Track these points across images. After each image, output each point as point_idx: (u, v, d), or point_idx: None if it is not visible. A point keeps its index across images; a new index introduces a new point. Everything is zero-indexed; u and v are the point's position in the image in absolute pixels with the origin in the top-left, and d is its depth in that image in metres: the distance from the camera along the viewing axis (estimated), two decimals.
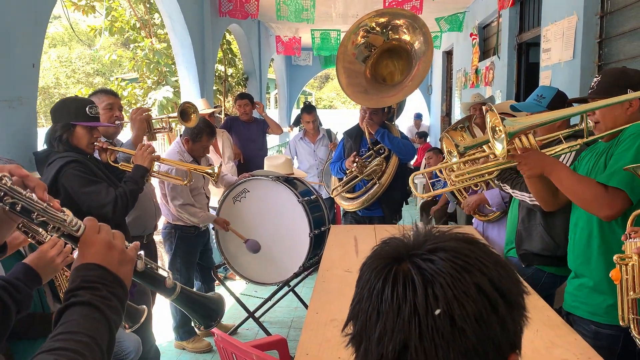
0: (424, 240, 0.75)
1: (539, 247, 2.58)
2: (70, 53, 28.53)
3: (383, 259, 0.75)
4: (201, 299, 1.31)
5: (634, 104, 2.00)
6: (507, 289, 0.71)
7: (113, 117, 3.10)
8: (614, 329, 2.00)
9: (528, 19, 5.71)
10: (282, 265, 3.94)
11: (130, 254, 1.03)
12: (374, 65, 3.95)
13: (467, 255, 0.72)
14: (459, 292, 0.68)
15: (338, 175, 4.20)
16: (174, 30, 5.70)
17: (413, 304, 0.68)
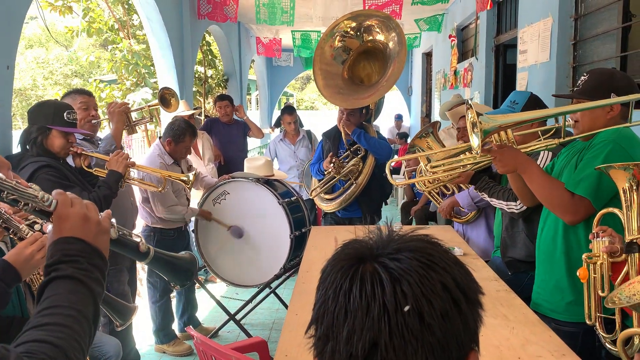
0: (388, 241, 0.76)
1: (523, 254, 2.62)
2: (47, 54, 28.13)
3: (347, 260, 0.75)
4: (175, 260, 1.36)
5: (615, 109, 2.01)
6: (467, 287, 0.74)
7: (89, 116, 3.08)
8: (573, 326, 2.05)
9: (505, 21, 5.79)
10: (263, 267, 3.93)
11: (104, 224, 1.04)
12: (351, 67, 3.96)
13: (431, 255, 0.74)
14: (427, 290, 0.70)
15: (317, 177, 4.21)
16: (152, 32, 5.66)
17: (382, 302, 0.69)
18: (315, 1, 6.93)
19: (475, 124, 1.91)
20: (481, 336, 1.89)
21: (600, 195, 1.95)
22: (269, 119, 13.93)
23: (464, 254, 2.92)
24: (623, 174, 1.75)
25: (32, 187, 1.00)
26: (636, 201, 1.74)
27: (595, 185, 1.95)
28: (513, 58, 5.26)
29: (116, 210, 3.16)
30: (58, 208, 0.99)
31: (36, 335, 0.82)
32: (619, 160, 1.81)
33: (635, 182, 1.74)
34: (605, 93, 2.00)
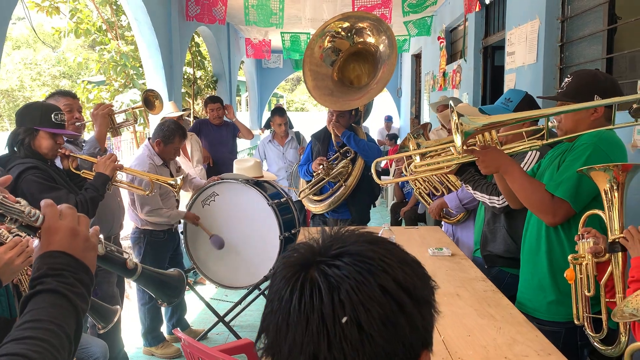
0: (330, 244, 0.74)
1: (501, 249, 2.64)
2: (35, 55, 27.91)
3: (292, 266, 0.74)
4: (162, 277, 1.35)
5: (598, 111, 2.03)
6: (412, 286, 0.71)
7: (73, 118, 3.06)
8: (555, 325, 2.08)
9: (493, 23, 5.83)
10: (252, 269, 3.92)
11: (93, 240, 1.03)
12: (341, 68, 3.97)
13: (370, 257, 0.71)
14: (364, 297, 0.68)
15: (306, 178, 4.21)
16: (140, 33, 5.64)
17: (320, 313, 0.67)
18: (304, 3, 6.93)
19: (457, 125, 1.93)
20: (468, 336, 1.91)
21: (579, 198, 1.97)
22: (258, 121, 13.91)
23: (452, 255, 2.94)
24: (604, 176, 1.78)
25: (19, 202, 1.00)
26: (617, 201, 1.77)
27: (574, 188, 1.97)
28: (501, 60, 5.30)
29: (103, 211, 3.16)
30: (46, 221, 0.99)
31: (15, 348, 0.81)
32: (600, 163, 1.84)
33: (615, 183, 1.77)
34: (589, 95, 2.01)
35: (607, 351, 1.81)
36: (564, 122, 2.09)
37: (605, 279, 1.79)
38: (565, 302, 1.98)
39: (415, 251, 3.01)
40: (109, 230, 3.29)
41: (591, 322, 1.89)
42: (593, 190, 1.91)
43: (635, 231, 1.68)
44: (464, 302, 2.22)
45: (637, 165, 1.81)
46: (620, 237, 1.72)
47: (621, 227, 1.76)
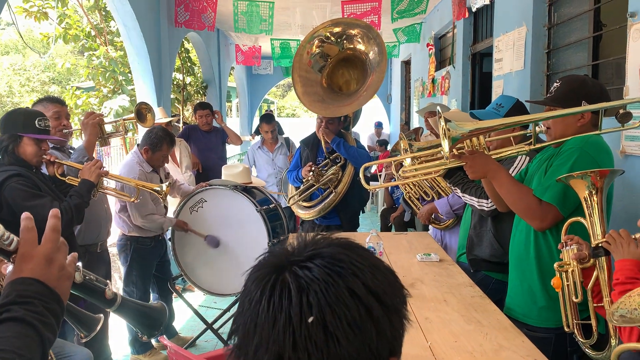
0: (305, 247, 0.75)
1: (487, 253, 2.64)
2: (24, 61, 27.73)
3: (265, 268, 0.74)
4: (143, 309, 1.32)
5: (585, 116, 2.04)
6: (382, 292, 0.71)
7: (60, 125, 3.04)
8: (545, 331, 2.08)
9: (481, 30, 5.87)
10: (240, 275, 3.86)
11: (69, 269, 1.00)
12: (329, 74, 3.97)
13: (341, 260, 0.72)
14: (332, 298, 0.68)
15: (295, 184, 4.20)
16: (129, 39, 5.62)
17: (288, 314, 0.67)
18: (294, 9, 6.95)
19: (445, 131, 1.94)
20: (455, 342, 1.90)
21: (567, 203, 1.98)
22: (249, 127, 13.91)
23: (440, 260, 2.94)
24: (582, 183, 1.80)
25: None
26: (597, 207, 1.79)
27: (562, 193, 1.98)
28: (489, 66, 5.33)
29: (90, 218, 3.14)
30: (21, 246, 0.96)
31: None
32: (586, 168, 1.85)
33: (594, 189, 1.78)
34: (577, 100, 2.02)
35: (598, 356, 1.82)
36: (552, 128, 2.10)
37: (592, 284, 1.80)
38: (555, 308, 1.98)
39: (403, 257, 3.02)
40: (96, 237, 3.27)
41: (581, 329, 1.90)
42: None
43: (617, 234, 1.70)
44: (450, 307, 2.22)
45: (613, 170, 1.83)
46: (603, 242, 1.74)
47: (603, 231, 1.78)
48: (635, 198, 2.67)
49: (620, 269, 1.65)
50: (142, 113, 3.43)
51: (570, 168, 1.94)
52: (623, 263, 1.65)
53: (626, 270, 1.64)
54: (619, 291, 1.63)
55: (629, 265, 1.64)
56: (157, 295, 4.18)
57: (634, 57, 2.68)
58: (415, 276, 2.67)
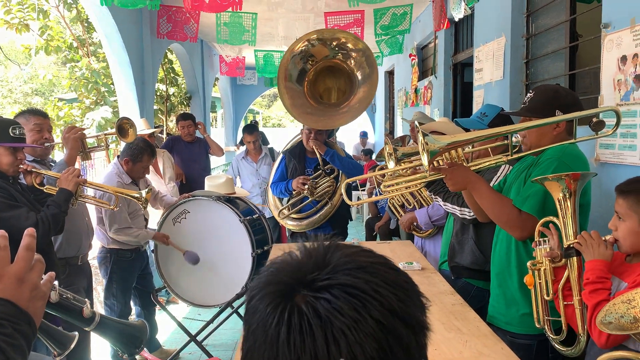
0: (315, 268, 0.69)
1: (469, 260, 2.67)
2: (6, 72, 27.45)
3: (274, 292, 0.68)
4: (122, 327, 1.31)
5: (560, 125, 2.08)
6: (408, 315, 0.68)
7: (42, 138, 3.01)
8: (528, 338, 2.11)
9: (462, 41, 5.95)
10: (224, 286, 3.88)
11: (43, 289, 0.97)
12: (312, 83, 3.95)
13: (364, 291, 0.66)
14: (360, 335, 0.63)
15: (282, 196, 4.17)
16: (111, 50, 5.61)
17: (314, 353, 0.63)
18: (277, 21, 6.98)
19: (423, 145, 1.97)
20: (434, 350, 1.91)
21: (546, 213, 2.01)
22: (233, 137, 13.89)
23: (422, 269, 2.96)
24: (557, 185, 1.86)
25: None
26: (570, 208, 1.84)
27: (541, 203, 2.02)
28: (470, 76, 5.40)
29: (71, 231, 3.11)
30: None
31: None
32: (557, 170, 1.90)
33: (567, 192, 1.83)
34: (551, 110, 2.07)
35: (567, 352, 1.87)
36: (528, 137, 2.14)
37: (562, 283, 1.86)
38: None
39: None
40: (77, 251, 3.24)
41: (551, 325, 1.95)
42: None
43: (588, 236, 1.75)
44: (431, 315, 2.21)
45: (585, 173, 1.89)
46: (575, 242, 1.79)
47: (575, 232, 1.84)
48: (610, 204, 2.70)
49: (590, 269, 1.70)
50: (124, 128, 3.41)
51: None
52: (594, 263, 1.70)
53: (597, 270, 1.69)
54: (589, 290, 1.68)
55: (599, 265, 1.70)
56: (139, 308, 4.14)
57: (607, 67, 2.74)
58: None
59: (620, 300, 1.46)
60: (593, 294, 1.68)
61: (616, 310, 1.44)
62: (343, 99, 3.99)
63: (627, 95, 2.57)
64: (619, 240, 1.73)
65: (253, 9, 6.18)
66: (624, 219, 1.71)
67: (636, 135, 2.51)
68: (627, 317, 1.40)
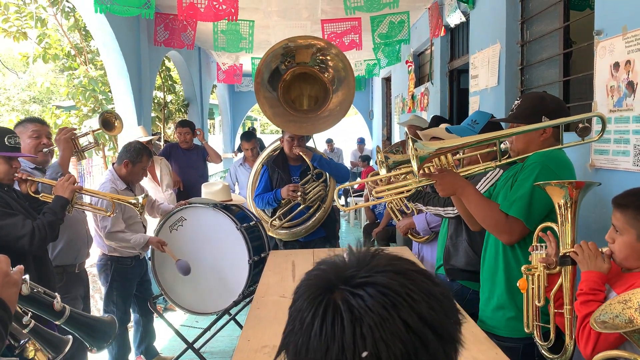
0: (357, 270, 0.73)
1: (463, 262, 2.69)
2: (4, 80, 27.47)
3: (316, 286, 0.73)
4: (91, 322, 1.36)
5: (547, 131, 2.12)
6: (439, 324, 0.70)
7: (40, 145, 3.04)
8: (513, 342, 2.13)
9: (458, 47, 5.98)
10: (221, 294, 3.88)
11: (14, 277, 1.04)
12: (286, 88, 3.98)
13: (396, 292, 0.69)
14: (387, 334, 0.66)
15: (267, 207, 4.17)
16: (109, 58, 5.64)
17: (341, 344, 0.67)
18: (274, 28, 7.02)
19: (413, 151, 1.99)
20: None
21: (532, 216, 2.04)
22: (231, 144, 13.91)
23: None
24: (559, 191, 1.86)
25: None
26: (570, 217, 1.84)
27: (527, 207, 2.04)
28: (466, 82, 5.43)
29: (70, 239, 3.12)
30: None
31: None
32: (548, 180, 1.92)
33: (569, 200, 1.83)
34: (537, 116, 2.10)
35: (554, 359, 1.87)
36: (516, 144, 2.18)
37: (555, 291, 1.87)
38: (523, 319, 2.03)
39: None
40: (74, 259, 3.24)
41: (540, 331, 1.96)
42: (545, 206, 1.98)
43: (586, 246, 1.75)
44: None
45: (589, 182, 1.89)
46: (571, 251, 1.79)
47: (572, 241, 1.84)
48: (605, 210, 2.72)
49: (585, 279, 1.70)
50: (109, 121, 3.44)
51: (534, 181, 2.00)
52: (588, 275, 1.70)
53: (591, 282, 1.69)
54: (582, 301, 1.69)
55: (594, 277, 1.70)
56: (137, 315, 4.14)
57: (600, 74, 2.77)
58: None
59: (616, 300, 1.47)
60: (584, 305, 1.69)
61: (612, 310, 1.45)
62: (316, 105, 4.02)
63: (619, 102, 2.60)
64: (614, 253, 1.73)
65: (250, 16, 6.21)
66: (621, 232, 1.70)
67: (629, 141, 2.53)
68: (622, 317, 1.40)
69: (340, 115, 3.88)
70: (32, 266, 2.61)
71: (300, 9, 6.50)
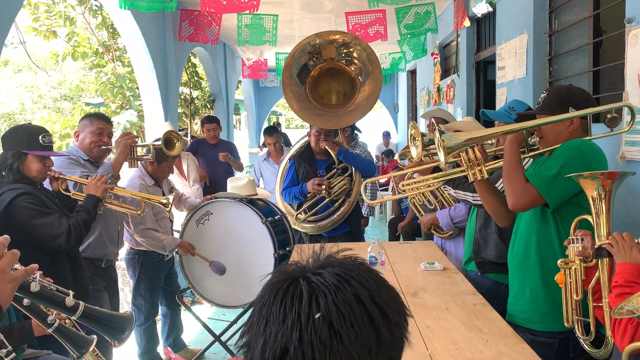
0: (318, 259, 0.82)
1: (493, 254, 2.65)
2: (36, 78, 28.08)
3: (279, 280, 0.80)
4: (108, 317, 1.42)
5: (574, 122, 2.10)
6: (385, 305, 0.77)
7: (100, 141, 3.16)
8: (549, 336, 2.08)
9: (484, 38, 5.89)
10: (247, 287, 3.91)
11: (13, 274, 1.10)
12: (314, 83, 3.99)
13: (350, 270, 0.78)
14: (338, 299, 0.74)
15: (294, 201, 4.18)
16: (135, 55, 5.72)
17: (297, 311, 0.74)
18: (298, 22, 7.00)
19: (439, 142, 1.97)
20: (455, 349, 1.91)
21: (552, 192, 2.00)
22: (256, 139, 13.97)
23: (444, 269, 2.94)
24: (591, 183, 1.83)
25: None
26: (604, 208, 1.80)
27: (550, 181, 2.00)
28: (493, 74, 5.35)
29: (101, 236, 3.18)
30: None
31: None
32: (579, 165, 1.88)
33: (603, 191, 1.80)
34: (564, 107, 2.07)
35: (596, 353, 1.84)
36: (545, 137, 2.16)
37: (593, 284, 1.83)
38: (558, 312, 1.99)
39: (407, 266, 3.03)
40: (103, 255, 3.27)
41: (581, 325, 1.91)
42: (570, 188, 1.94)
43: (620, 237, 1.71)
44: (452, 315, 2.23)
45: (622, 172, 1.85)
46: (606, 243, 1.75)
47: (607, 233, 1.80)
48: (637, 202, 2.66)
49: (620, 272, 1.67)
50: (172, 141, 3.49)
51: (565, 161, 1.98)
52: (624, 266, 1.67)
53: (626, 273, 1.65)
54: (617, 294, 1.65)
55: (630, 269, 1.66)
56: (165, 307, 4.21)
57: (632, 63, 2.69)
58: (419, 285, 2.68)
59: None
60: (619, 297, 1.65)
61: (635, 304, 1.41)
62: (345, 100, 4.02)
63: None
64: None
65: (274, 10, 6.21)
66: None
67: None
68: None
69: (367, 108, 3.87)
70: (65, 261, 2.67)
71: (323, 2, 6.48)
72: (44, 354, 2.38)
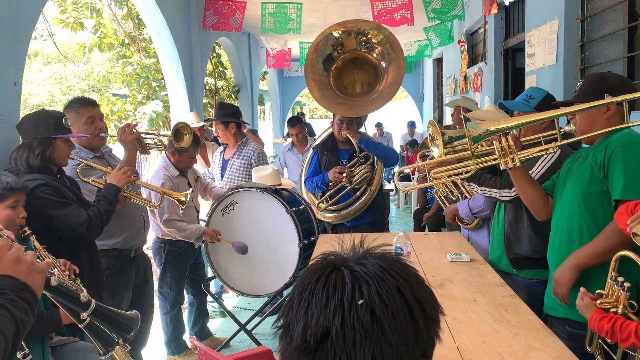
0: (359, 256, 0.83)
1: (528, 249, 2.58)
2: (65, 70, 28.57)
3: (320, 267, 0.82)
4: (115, 315, 1.48)
5: (611, 109, 2.02)
6: (424, 300, 0.80)
7: (96, 129, 3.01)
8: None
9: (513, 25, 5.76)
10: (272, 276, 3.92)
11: (40, 266, 1.19)
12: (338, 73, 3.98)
13: (393, 264, 0.81)
14: (382, 289, 0.76)
15: (316, 191, 4.16)
16: (161, 45, 5.74)
17: (340, 297, 0.76)
18: (322, 11, 6.96)
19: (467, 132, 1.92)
20: (483, 342, 1.87)
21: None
22: (281, 129, 13.99)
23: (471, 260, 2.89)
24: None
25: None
26: None
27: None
28: (522, 61, 5.23)
29: (129, 224, 3.17)
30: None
31: None
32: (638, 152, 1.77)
33: None
34: (600, 94, 1.99)
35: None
36: (580, 124, 2.08)
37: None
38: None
39: (433, 257, 2.99)
40: (130, 245, 3.26)
41: (602, 354, 1.81)
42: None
43: None
44: (480, 307, 2.19)
45: None
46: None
47: None
48: None
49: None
50: (181, 132, 3.47)
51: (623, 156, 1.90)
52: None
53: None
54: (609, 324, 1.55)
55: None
56: (192, 296, 4.24)
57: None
58: (445, 276, 2.64)
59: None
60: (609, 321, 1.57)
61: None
62: (368, 88, 3.99)
63: None
64: None
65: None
66: None
67: None
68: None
69: (389, 96, 3.84)
70: (84, 253, 2.68)
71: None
72: (71, 341, 2.41)
